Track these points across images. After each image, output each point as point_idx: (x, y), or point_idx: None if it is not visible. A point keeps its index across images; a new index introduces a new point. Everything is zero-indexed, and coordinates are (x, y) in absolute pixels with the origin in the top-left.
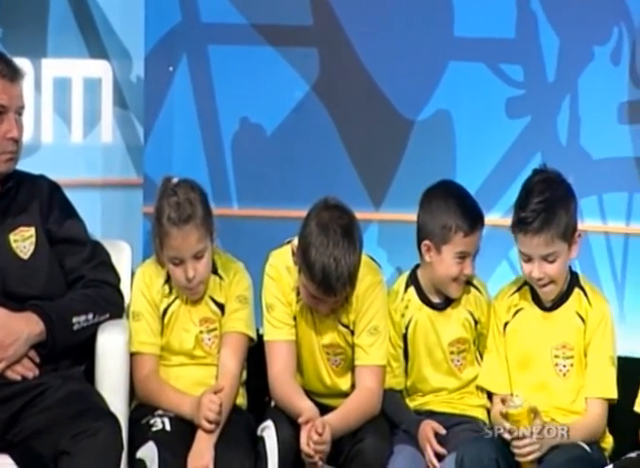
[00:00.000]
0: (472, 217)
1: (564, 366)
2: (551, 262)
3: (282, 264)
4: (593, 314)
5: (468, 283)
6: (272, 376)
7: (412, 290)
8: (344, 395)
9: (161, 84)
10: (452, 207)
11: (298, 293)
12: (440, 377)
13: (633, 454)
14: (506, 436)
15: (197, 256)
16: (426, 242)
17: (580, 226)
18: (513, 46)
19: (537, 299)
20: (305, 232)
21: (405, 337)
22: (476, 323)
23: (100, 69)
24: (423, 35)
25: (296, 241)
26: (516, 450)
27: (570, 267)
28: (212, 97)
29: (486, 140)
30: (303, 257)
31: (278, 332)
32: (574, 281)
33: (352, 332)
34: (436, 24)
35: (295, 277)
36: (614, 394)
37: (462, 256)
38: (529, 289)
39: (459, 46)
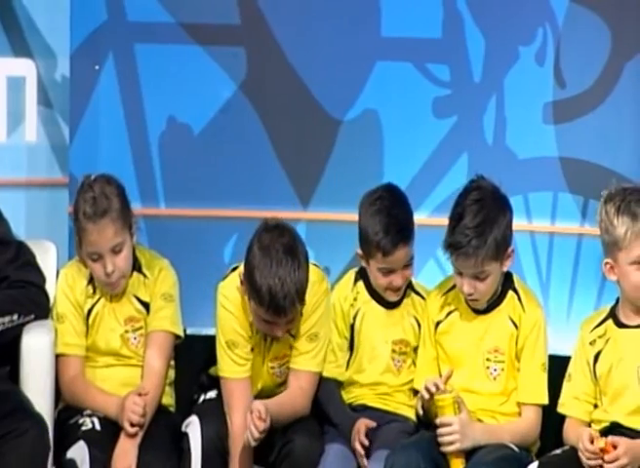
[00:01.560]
0: (393, 236)
1: (495, 370)
2: (482, 280)
3: (237, 296)
4: (526, 320)
5: (413, 289)
6: (237, 426)
7: (361, 283)
8: None
9: (87, 83)
10: (375, 221)
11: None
12: (380, 373)
13: (558, 451)
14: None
15: (115, 251)
16: (358, 251)
17: None
18: (440, 46)
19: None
20: (249, 257)
21: (352, 328)
22: (420, 327)
23: (24, 68)
24: (351, 35)
25: (242, 268)
26: (439, 438)
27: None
28: (138, 97)
29: (413, 140)
30: (250, 282)
31: (240, 369)
32: (508, 283)
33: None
34: (363, 24)
35: (245, 310)
36: (545, 400)
37: (388, 271)
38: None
39: (386, 46)
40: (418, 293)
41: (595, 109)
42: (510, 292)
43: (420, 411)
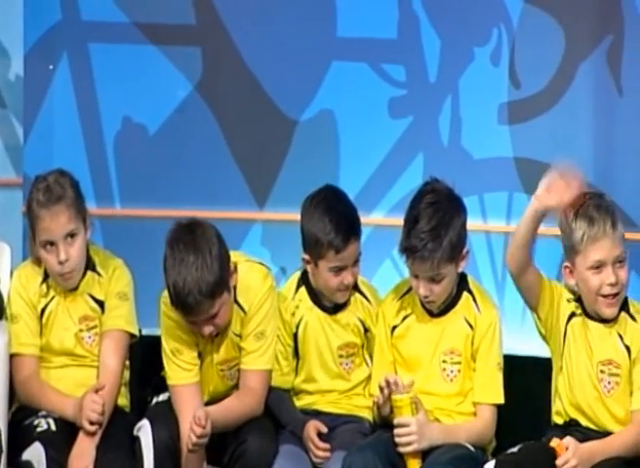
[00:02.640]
0: (344, 232)
1: (451, 371)
2: (438, 282)
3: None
4: (482, 321)
5: (358, 290)
6: (184, 427)
7: (303, 290)
8: None
9: (41, 83)
10: (324, 222)
11: None
12: (329, 380)
13: (515, 449)
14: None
15: (69, 240)
16: (304, 256)
17: None
18: (395, 46)
19: (425, 304)
20: (163, 258)
21: (295, 337)
22: (366, 330)
23: None
24: (307, 35)
25: None
26: (396, 439)
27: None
28: (93, 97)
29: (369, 140)
30: (166, 283)
31: (188, 375)
32: (462, 284)
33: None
34: (319, 24)
35: None
36: (501, 399)
37: (339, 269)
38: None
39: (341, 46)
40: (362, 294)
41: (550, 110)
42: (465, 294)
43: (377, 417)
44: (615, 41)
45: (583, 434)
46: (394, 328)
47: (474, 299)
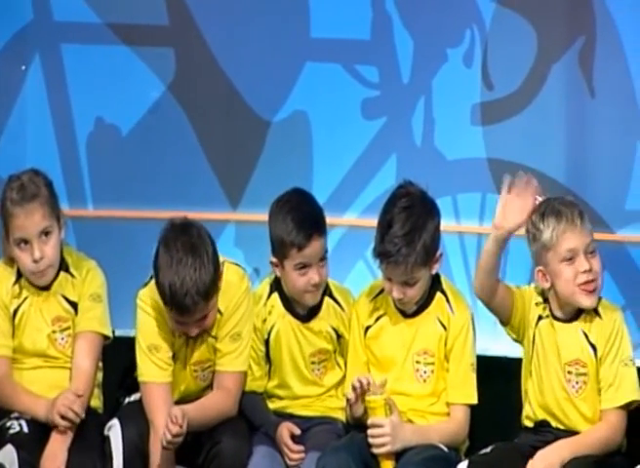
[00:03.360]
0: (307, 229)
1: (424, 372)
2: (411, 286)
3: (157, 301)
4: (455, 321)
5: (330, 296)
6: (159, 430)
7: (276, 296)
8: None
9: (13, 83)
10: (286, 221)
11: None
12: (303, 386)
13: (487, 450)
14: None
15: (43, 238)
16: (272, 259)
17: None
18: (368, 47)
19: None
20: (155, 257)
21: (267, 343)
22: (339, 336)
23: None
24: (280, 36)
25: None
26: (370, 440)
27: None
28: (66, 97)
29: (342, 141)
30: (156, 282)
31: (162, 374)
32: (436, 285)
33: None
34: (293, 25)
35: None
36: (474, 399)
37: (304, 267)
38: None
39: (315, 47)
40: (335, 300)
41: (522, 111)
42: (439, 294)
43: (350, 418)
44: (587, 42)
45: (554, 434)
46: (367, 328)
47: (447, 300)
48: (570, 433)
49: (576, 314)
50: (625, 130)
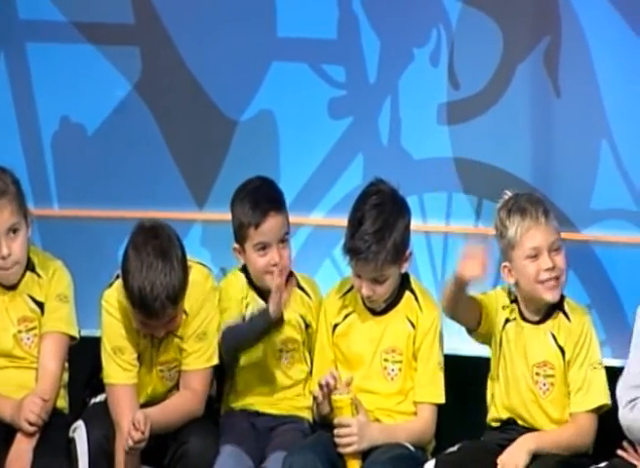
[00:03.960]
0: (262, 206)
1: (392, 370)
2: (381, 283)
3: (122, 302)
4: (423, 320)
5: (298, 286)
6: (125, 432)
7: (252, 291)
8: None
9: None
10: (243, 203)
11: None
12: (270, 376)
13: (454, 449)
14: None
15: (11, 235)
16: (235, 246)
17: None
18: (335, 47)
19: (365, 302)
20: (124, 259)
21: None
22: (307, 326)
23: None
24: (247, 35)
25: None
26: (337, 439)
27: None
28: (31, 96)
29: (309, 141)
30: (124, 285)
31: (127, 375)
32: (405, 283)
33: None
34: (259, 24)
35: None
36: (442, 399)
37: (263, 248)
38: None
39: (281, 46)
40: (303, 290)
41: (488, 110)
42: (407, 293)
43: (317, 416)
44: (552, 42)
45: (520, 433)
46: (336, 326)
47: (416, 299)
48: (536, 431)
49: (544, 316)
50: (591, 129)
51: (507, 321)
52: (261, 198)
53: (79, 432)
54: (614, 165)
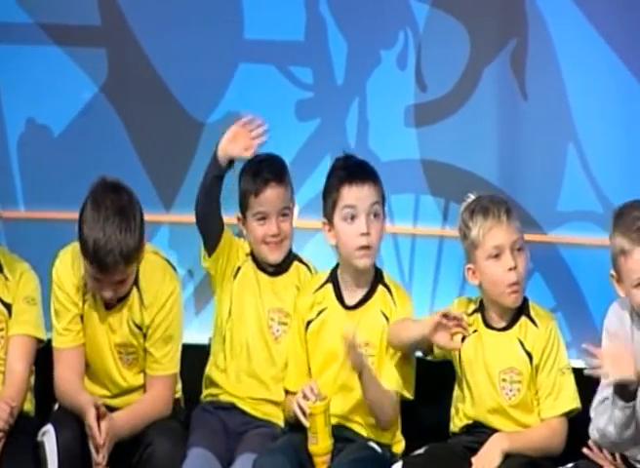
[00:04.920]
0: (264, 176)
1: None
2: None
3: (66, 265)
4: (397, 313)
5: (300, 260)
6: (58, 380)
7: (250, 260)
8: (138, 389)
9: None
10: (246, 173)
11: (84, 293)
12: (259, 351)
13: (421, 451)
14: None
15: None
16: (238, 215)
17: None
18: (302, 49)
19: (340, 297)
20: (82, 211)
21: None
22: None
23: None
24: (214, 37)
25: None
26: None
27: (374, 264)
28: None
29: (276, 142)
30: (79, 236)
31: (65, 339)
32: (378, 278)
33: (145, 336)
34: (226, 26)
35: (80, 275)
36: (412, 395)
37: (263, 218)
38: (332, 286)
39: (249, 48)
40: (304, 264)
41: (456, 112)
42: (381, 287)
43: (288, 417)
44: (519, 44)
45: (488, 434)
46: (309, 323)
47: (390, 292)
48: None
49: (510, 322)
50: (557, 131)
51: (464, 337)
52: (264, 168)
53: (48, 436)
54: (580, 167)
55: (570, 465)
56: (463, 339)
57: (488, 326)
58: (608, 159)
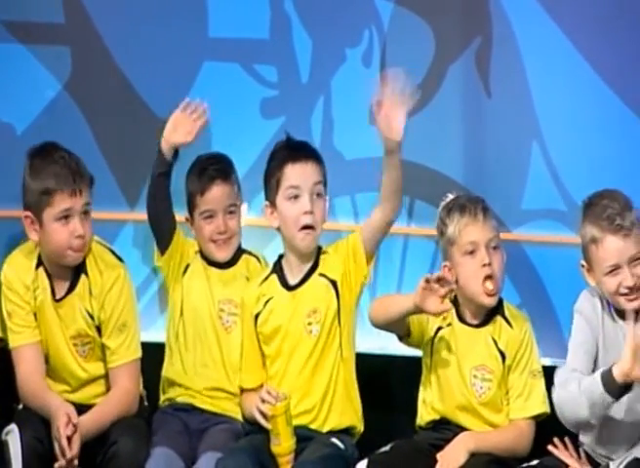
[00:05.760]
0: (209, 174)
1: (316, 330)
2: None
3: (14, 266)
4: (335, 267)
5: (249, 253)
6: (21, 380)
7: (199, 258)
8: (98, 379)
9: None
10: (192, 174)
11: (35, 289)
12: (213, 345)
13: (386, 448)
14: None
15: None
16: (186, 216)
17: (334, 225)
18: (267, 47)
19: (284, 283)
20: (26, 173)
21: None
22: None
23: None
24: (178, 34)
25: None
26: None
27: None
28: None
29: (241, 141)
30: (33, 183)
31: (21, 336)
32: (318, 252)
33: (98, 328)
34: (191, 24)
35: (29, 275)
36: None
37: (210, 216)
38: (276, 276)
39: (213, 46)
40: (253, 255)
41: (420, 111)
42: (322, 256)
43: (247, 415)
44: (483, 43)
45: (453, 432)
46: (257, 316)
47: (325, 253)
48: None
49: (484, 320)
50: (522, 129)
51: (440, 328)
52: (209, 167)
53: (12, 435)
54: (544, 165)
55: (534, 462)
56: (439, 331)
57: (462, 321)
58: (572, 157)
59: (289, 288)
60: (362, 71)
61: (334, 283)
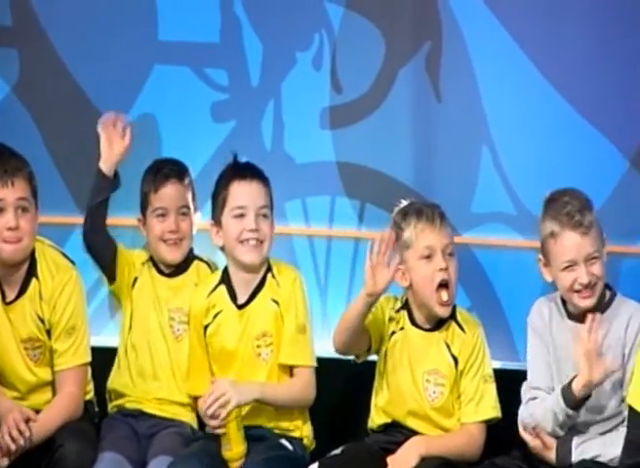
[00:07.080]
0: (164, 172)
1: (266, 353)
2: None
3: None
4: (283, 292)
5: (200, 259)
6: None
7: (149, 266)
8: (48, 384)
9: None
10: (146, 174)
11: None
12: (164, 353)
13: (338, 451)
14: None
15: None
16: (139, 217)
17: (285, 229)
18: (218, 50)
19: (233, 297)
20: None
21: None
22: None
23: None
24: (128, 38)
25: None
26: (212, 408)
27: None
28: None
29: (191, 144)
30: None
31: None
32: (267, 270)
33: (48, 332)
34: (141, 27)
35: None
36: (311, 361)
37: (162, 215)
38: (225, 287)
39: (163, 49)
40: (204, 262)
41: (371, 114)
42: (269, 276)
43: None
44: (433, 47)
45: (404, 435)
46: (206, 327)
47: (273, 276)
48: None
49: (436, 325)
50: (471, 134)
51: (393, 333)
52: (165, 166)
53: None
54: (494, 169)
55: (486, 462)
56: (392, 335)
57: (414, 325)
58: (521, 162)
59: (238, 306)
60: (312, 75)
61: (277, 304)
